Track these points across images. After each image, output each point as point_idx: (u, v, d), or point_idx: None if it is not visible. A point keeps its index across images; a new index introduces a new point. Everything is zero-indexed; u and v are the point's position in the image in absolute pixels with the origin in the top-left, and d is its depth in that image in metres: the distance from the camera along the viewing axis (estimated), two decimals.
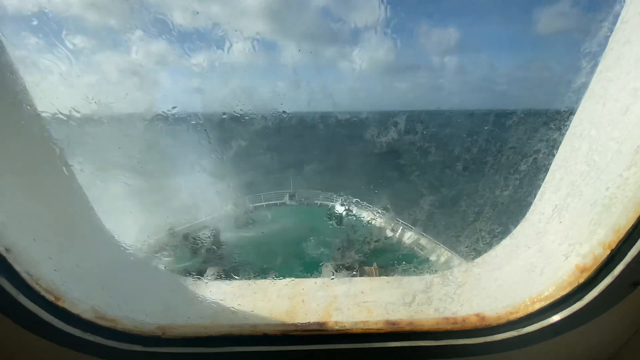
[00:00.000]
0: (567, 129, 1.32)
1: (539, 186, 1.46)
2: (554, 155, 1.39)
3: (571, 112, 1.28)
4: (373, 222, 19.36)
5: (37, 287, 1.14)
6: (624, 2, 1.04)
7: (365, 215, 19.93)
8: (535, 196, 1.49)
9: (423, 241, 17.38)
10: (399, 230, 18.30)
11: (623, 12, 1.05)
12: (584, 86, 1.19)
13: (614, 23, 1.08)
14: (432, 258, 16.27)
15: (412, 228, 17.97)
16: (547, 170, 1.43)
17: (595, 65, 1.17)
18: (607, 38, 1.11)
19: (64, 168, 1.39)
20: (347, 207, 20.55)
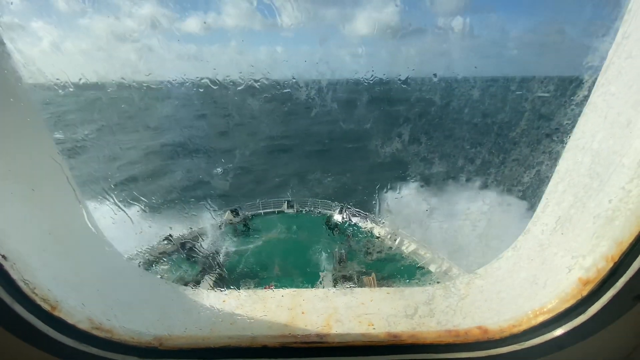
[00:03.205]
0: (568, 141, 1.33)
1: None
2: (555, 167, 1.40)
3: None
4: (372, 232, 19.32)
5: (33, 296, 1.12)
6: (624, 17, 1.06)
7: (365, 225, 19.88)
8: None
9: (422, 251, 17.27)
10: (397, 240, 18.21)
11: (624, 27, 1.07)
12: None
13: (614, 37, 1.10)
14: (433, 269, 16.16)
15: (410, 237, 17.89)
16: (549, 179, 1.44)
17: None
18: (606, 52, 1.13)
19: (62, 173, 1.39)
20: (345, 217, 20.52)
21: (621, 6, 1.04)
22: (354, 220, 20.31)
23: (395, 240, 18.26)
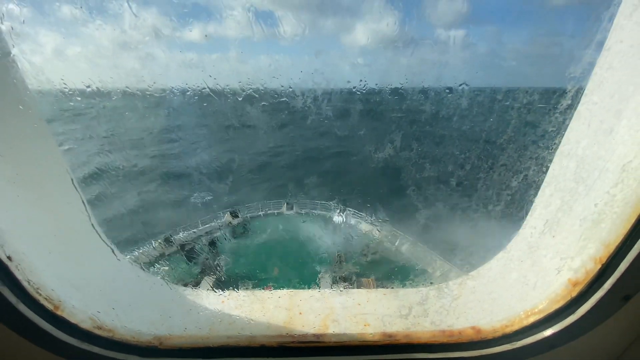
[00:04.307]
0: (557, 148, 1.38)
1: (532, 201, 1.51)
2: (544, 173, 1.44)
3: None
4: (371, 233, 19.33)
5: (37, 296, 1.15)
6: (608, 31, 1.11)
7: (363, 227, 19.90)
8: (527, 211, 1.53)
9: (421, 253, 17.28)
10: (397, 242, 18.22)
11: (606, 41, 1.12)
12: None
13: (598, 51, 1.15)
14: (431, 270, 16.18)
15: (408, 239, 17.90)
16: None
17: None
18: (590, 64, 1.18)
19: (67, 177, 1.42)
20: (344, 218, 20.54)
21: (601, 20, 1.08)
22: (353, 221, 20.33)
23: (393, 241, 18.28)
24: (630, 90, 1.04)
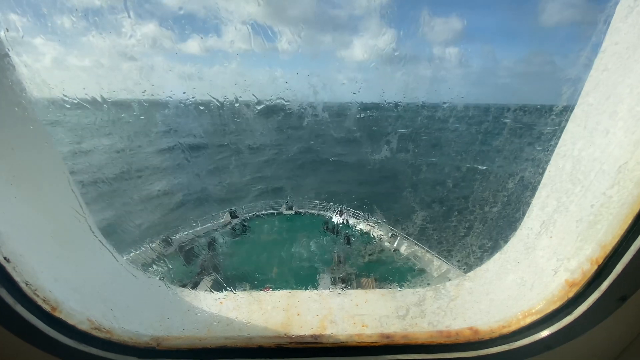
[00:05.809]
0: (553, 149, 1.38)
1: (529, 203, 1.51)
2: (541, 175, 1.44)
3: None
4: (370, 233, 19.35)
5: (34, 297, 1.15)
6: (604, 33, 1.11)
7: (362, 227, 19.93)
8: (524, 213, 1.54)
9: (420, 253, 17.29)
10: (396, 242, 18.23)
11: (602, 43, 1.13)
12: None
13: (594, 52, 1.16)
14: (430, 270, 16.19)
15: (407, 239, 17.91)
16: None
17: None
18: (585, 66, 1.19)
19: (65, 179, 1.42)
20: (343, 219, 20.54)
21: (597, 23, 1.09)
22: (352, 222, 20.36)
23: (392, 242, 18.29)
24: (625, 92, 1.05)
